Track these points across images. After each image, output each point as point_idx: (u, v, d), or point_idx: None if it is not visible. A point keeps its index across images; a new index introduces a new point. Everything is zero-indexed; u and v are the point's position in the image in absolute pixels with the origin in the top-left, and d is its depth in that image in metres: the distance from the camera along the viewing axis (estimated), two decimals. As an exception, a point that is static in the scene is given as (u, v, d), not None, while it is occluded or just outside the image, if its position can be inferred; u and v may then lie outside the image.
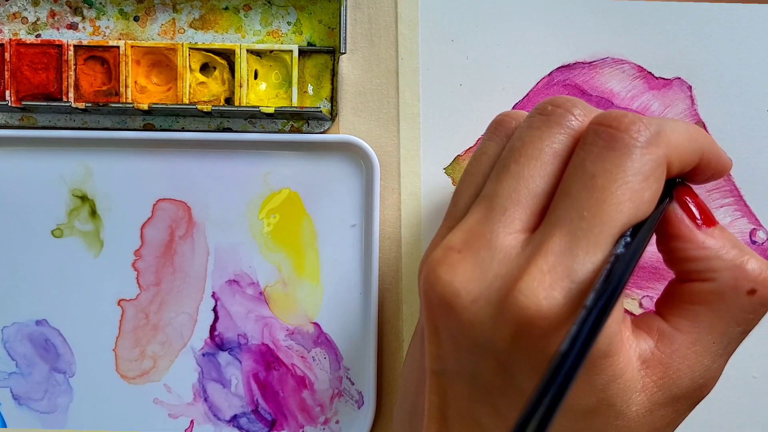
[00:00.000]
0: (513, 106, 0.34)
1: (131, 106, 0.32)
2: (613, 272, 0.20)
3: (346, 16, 0.33)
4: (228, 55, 0.33)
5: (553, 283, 0.20)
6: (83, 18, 0.34)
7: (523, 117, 0.24)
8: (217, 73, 0.34)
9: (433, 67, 0.33)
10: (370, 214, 0.33)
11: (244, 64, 0.33)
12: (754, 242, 0.34)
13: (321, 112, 0.32)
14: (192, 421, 0.34)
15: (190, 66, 0.33)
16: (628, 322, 0.23)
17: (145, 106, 0.32)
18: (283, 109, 0.32)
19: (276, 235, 0.34)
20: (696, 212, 0.23)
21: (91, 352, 0.34)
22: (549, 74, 0.33)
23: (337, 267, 0.34)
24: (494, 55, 0.33)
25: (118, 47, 0.33)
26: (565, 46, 0.33)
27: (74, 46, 0.33)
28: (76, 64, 0.33)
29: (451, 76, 0.33)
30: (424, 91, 0.34)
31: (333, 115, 0.34)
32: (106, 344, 0.34)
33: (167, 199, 0.34)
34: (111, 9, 0.34)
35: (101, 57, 0.33)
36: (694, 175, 0.24)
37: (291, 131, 0.34)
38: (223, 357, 0.34)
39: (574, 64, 0.33)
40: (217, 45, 0.33)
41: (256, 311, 0.34)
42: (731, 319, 0.23)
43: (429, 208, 0.34)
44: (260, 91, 0.34)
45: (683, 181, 0.24)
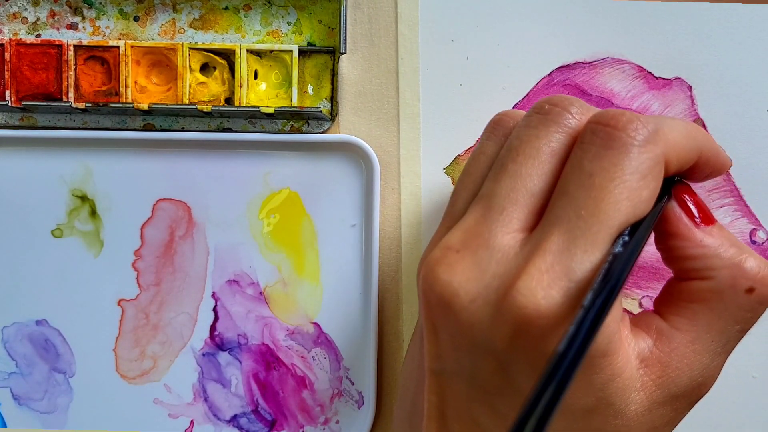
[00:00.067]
0: (513, 106, 0.34)
1: (131, 106, 0.32)
2: (611, 271, 0.20)
3: (346, 16, 0.33)
4: (228, 55, 0.33)
5: (552, 283, 0.20)
6: (83, 18, 0.34)
7: (521, 116, 0.24)
8: (217, 73, 0.34)
9: (433, 67, 0.33)
10: (370, 214, 0.33)
11: (244, 64, 0.33)
12: (754, 242, 0.34)
13: (321, 112, 0.32)
14: (192, 421, 0.34)
15: (190, 66, 0.33)
16: (627, 321, 0.23)
17: (145, 106, 0.32)
18: (283, 109, 0.32)
19: (276, 235, 0.34)
20: (694, 210, 0.23)
21: (91, 352, 0.34)
22: (549, 74, 0.33)
23: (337, 267, 0.34)
24: (494, 55, 0.33)
25: (118, 47, 0.33)
26: (565, 46, 0.33)
27: (74, 46, 0.33)
28: (76, 64, 0.33)
29: (451, 76, 0.33)
30: (424, 91, 0.33)
31: (333, 115, 0.33)
32: (106, 344, 0.34)
33: (167, 199, 0.34)
34: (111, 9, 0.34)
35: (101, 57, 0.33)
36: (692, 173, 0.24)
37: (291, 131, 0.34)
38: (223, 357, 0.34)
39: (574, 64, 0.33)
40: (217, 45, 0.33)
41: (256, 311, 0.34)
42: (730, 318, 0.23)
43: (429, 208, 0.34)
44: (260, 91, 0.34)
45: (682, 180, 0.24)
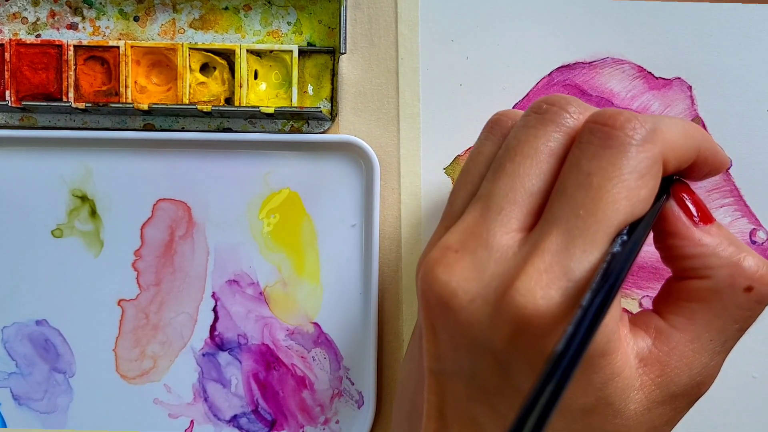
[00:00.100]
0: (513, 106, 0.34)
1: (131, 106, 0.32)
2: (609, 271, 0.20)
3: (346, 16, 0.33)
4: (228, 55, 0.33)
5: (550, 282, 0.20)
6: (83, 18, 0.34)
7: (519, 116, 0.24)
8: (217, 73, 0.34)
9: (433, 67, 0.33)
10: (370, 214, 0.33)
11: (244, 64, 0.33)
12: (754, 242, 0.34)
13: (321, 112, 0.32)
14: (192, 421, 0.34)
15: (190, 66, 0.33)
16: (626, 321, 0.23)
17: (145, 106, 0.32)
18: (283, 109, 0.32)
19: (276, 235, 0.34)
20: (693, 209, 0.23)
21: (91, 352, 0.34)
22: (549, 74, 0.33)
23: (337, 267, 0.34)
24: (494, 55, 0.33)
25: (118, 47, 0.33)
26: (565, 46, 0.33)
27: (74, 46, 0.33)
28: (76, 64, 0.33)
29: (451, 76, 0.33)
30: (424, 91, 0.33)
31: (333, 115, 0.33)
32: (106, 344, 0.34)
33: (167, 199, 0.34)
34: (111, 9, 0.34)
35: (101, 57, 0.33)
36: (691, 172, 0.24)
37: (291, 131, 0.34)
38: (223, 357, 0.34)
39: (574, 64, 0.33)
40: (217, 45, 0.33)
41: (256, 311, 0.34)
42: (728, 317, 0.23)
43: (429, 208, 0.34)
44: (260, 91, 0.34)
45: (680, 179, 0.24)
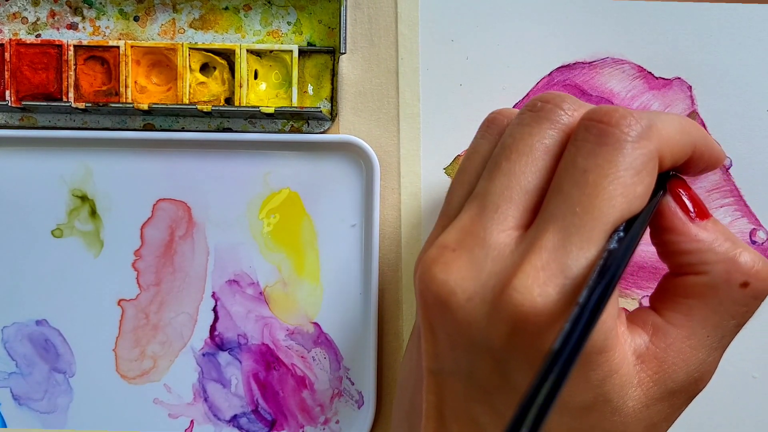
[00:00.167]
0: (513, 106, 0.34)
1: (131, 106, 0.32)
2: (606, 267, 0.20)
3: (346, 16, 0.33)
4: (228, 55, 0.33)
5: (547, 280, 0.20)
6: (83, 18, 0.34)
7: (515, 114, 0.24)
8: (217, 73, 0.34)
9: (433, 67, 0.33)
10: (370, 214, 0.33)
11: (244, 64, 0.33)
12: (754, 242, 0.34)
13: (321, 112, 0.32)
14: (192, 421, 0.34)
15: (190, 66, 0.33)
16: (623, 318, 0.23)
17: (145, 106, 0.32)
18: (283, 109, 0.32)
19: (276, 235, 0.34)
20: (689, 205, 0.23)
21: (91, 352, 0.34)
22: (549, 74, 0.33)
23: (337, 267, 0.34)
24: (494, 55, 0.33)
25: (118, 47, 0.33)
26: (565, 46, 0.33)
27: (74, 46, 0.33)
28: (76, 64, 0.33)
29: (451, 76, 0.33)
30: (424, 91, 0.33)
31: (333, 115, 0.33)
32: (106, 344, 0.34)
33: (167, 199, 0.34)
34: (111, 9, 0.34)
35: (101, 57, 0.33)
36: (687, 167, 0.24)
37: (291, 131, 0.34)
38: (223, 357, 0.34)
39: (574, 64, 0.33)
40: (217, 45, 0.33)
41: (256, 311, 0.34)
42: (725, 313, 0.23)
43: (429, 208, 0.34)
44: (260, 91, 0.34)
45: (677, 174, 0.24)
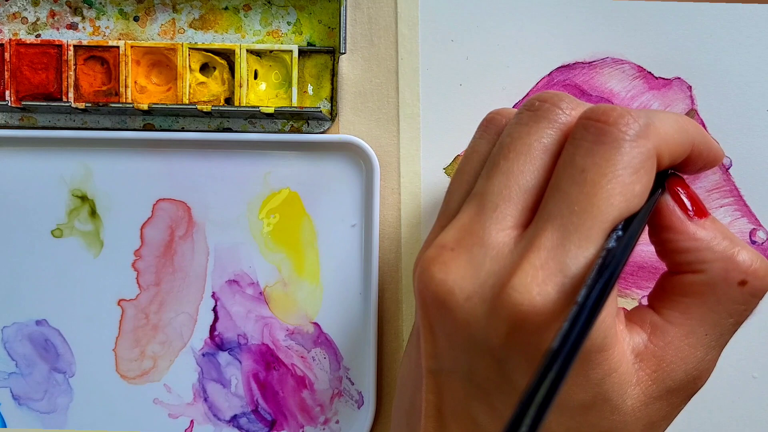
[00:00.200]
0: (513, 106, 0.34)
1: (131, 106, 0.32)
2: (605, 266, 0.20)
3: (346, 16, 0.33)
4: (228, 55, 0.33)
5: (546, 279, 0.20)
6: (83, 18, 0.34)
7: (514, 114, 0.24)
8: (217, 73, 0.34)
9: (433, 67, 0.33)
10: (370, 214, 0.33)
11: (244, 64, 0.33)
12: (754, 242, 0.34)
13: (321, 112, 0.32)
14: (192, 421, 0.34)
15: (190, 66, 0.33)
16: (622, 316, 0.23)
17: (145, 106, 0.32)
18: (283, 109, 0.32)
19: (276, 235, 0.34)
20: (688, 203, 0.23)
21: (91, 352, 0.34)
22: (549, 74, 0.33)
23: (337, 267, 0.34)
24: (494, 55, 0.33)
25: (118, 47, 0.33)
26: (565, 46, 0.33)
27: (74, 46, 0.33)
28: (76, 64, 0.33)
29: (451, 76, 0.33)
30: (424, 91, 0.33)
31: (333, 115, 0.34)
32: (106, 344, 0.34)
33: (167, 199, 0.34)
34: (111, 9, 0.34)
35: (101, 57, 0.33)
36: (685, 166, 0.24)
37: (291, 131, 0.34)
38: (223, 357, 0.34)
39: (574, 64, 0.33)
40: (217, 45, 0.33)
41: (256, 311, 0.34)
42: (723, 311, 0.23)
43: (429, 208, 0.34)
44: (260, 91, 0.34)
45: (675, 173, 0.24)
